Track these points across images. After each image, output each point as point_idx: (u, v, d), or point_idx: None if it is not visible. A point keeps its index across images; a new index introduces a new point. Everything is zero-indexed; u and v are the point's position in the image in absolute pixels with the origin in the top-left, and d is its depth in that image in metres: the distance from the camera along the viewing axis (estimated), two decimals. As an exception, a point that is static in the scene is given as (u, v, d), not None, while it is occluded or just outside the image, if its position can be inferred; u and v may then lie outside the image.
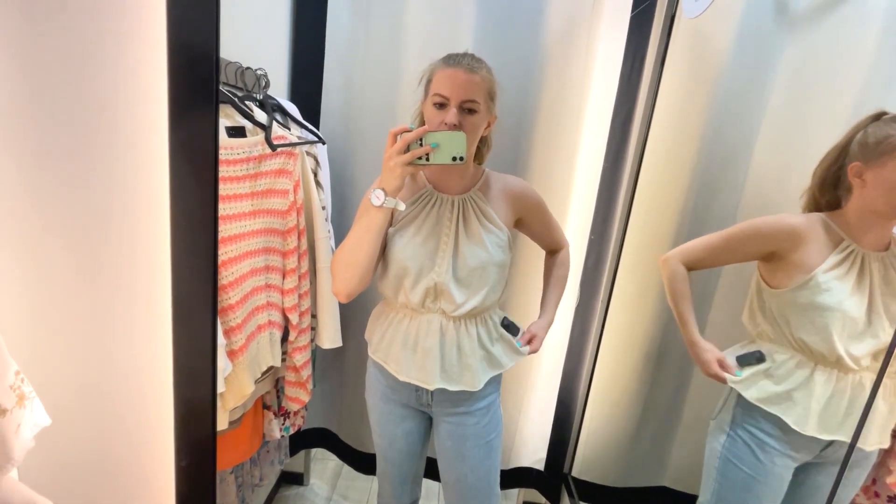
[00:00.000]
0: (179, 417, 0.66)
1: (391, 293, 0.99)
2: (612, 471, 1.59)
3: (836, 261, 0.91)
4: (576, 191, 1.46)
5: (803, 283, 0.92)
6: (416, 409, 1.08)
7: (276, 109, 1.15)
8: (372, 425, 1.13)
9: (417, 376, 0.99)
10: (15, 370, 0.50)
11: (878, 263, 0.90)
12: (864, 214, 0.90)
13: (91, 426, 0.66)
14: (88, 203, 0.59)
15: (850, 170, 0.90)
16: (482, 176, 1.03)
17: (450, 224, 0.96)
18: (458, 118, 0.87)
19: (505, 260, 1.00)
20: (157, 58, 0.54)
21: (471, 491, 1.08)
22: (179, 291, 0.61)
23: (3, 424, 0.48)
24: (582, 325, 1.49)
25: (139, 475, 0.71)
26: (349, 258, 0.92)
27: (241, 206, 0.96)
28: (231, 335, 0.93)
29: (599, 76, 1.38)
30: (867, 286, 0.89)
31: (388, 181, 0.85)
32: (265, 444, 1.36)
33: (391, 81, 1.40)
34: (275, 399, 1.27)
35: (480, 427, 1.05)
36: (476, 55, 0.93)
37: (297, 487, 1.80)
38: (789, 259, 0.94)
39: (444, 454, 1.09)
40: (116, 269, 0.62)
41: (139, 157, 0.58)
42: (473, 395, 1.03)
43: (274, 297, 1.10)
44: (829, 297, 0.89)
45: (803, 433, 0.91)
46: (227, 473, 1.17)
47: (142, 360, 0.67)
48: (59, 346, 0.61)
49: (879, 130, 0.86)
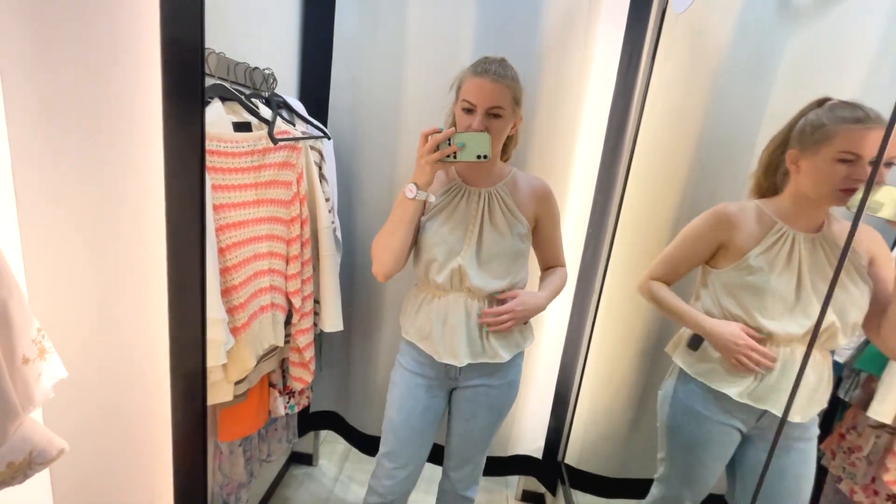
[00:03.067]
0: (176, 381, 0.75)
1: (422, 275, 1.09)
2: (611, 461, 1.61)
3: (768, 244, 0.94)
4: (573, 185, 1.49)
5: (736, 265, 0.96)
6: (442, 385, 1.16)
7: (282, 106, 1.23)
8: (390, 401, 1.18)
9: (447, 354, 1.08)
10: (37, 327, 0.59)
11: (808, 244, 0.92)
12: (797, 200, 0.93)
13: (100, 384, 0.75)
14: (95, 193, 0.68)
15: (788, 156, 0.93)
16: (509, 173, 1.12)
17: (476, 214, 1.06)
18: (484, 123, 0.97)
19: (524, 249, 1.10)
20: (153, 57, 0.62)
21: (472, 444, 1.20)
22: (174, 270, 0.69)
23: (26, 371, 0.56)
24: (579, 317, 1.52)
25: (142, 428, 0.81)
26: (385, 243, 1.05)
27: (245, 195, 1.04)
28: (234, 313, 1.01)
29: (597, 71, 1.40)
30: (796, 266, 0.91)
31: (419, 176, 0.97)
32: (273, 422, 1.45)
33: (396, 79, 1.45)
34: (280, 379, 1.35)
35: (499, 399, 1.16)
36: (504, 60, 1.01)
37: (306, 467, 1.89)
38: (728, 244, 0.98)
39: (457, 412, 1.18)
40: (120, 249, 0.71)
41: (138, 150, 0.67)
42: (500, 370, 1.13)
43: (277, 281, 1.18)
44: (759, 278, 0.92)
45: (735, 399, 0.96)
46: (235, 446, 1.26)
47: (143, 329, 0.75)
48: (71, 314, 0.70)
49: (816, 119, 0.87)
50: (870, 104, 0.90)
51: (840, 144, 0.82)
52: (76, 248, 0.67)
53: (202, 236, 0.69)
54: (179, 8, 0.61)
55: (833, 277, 0.74)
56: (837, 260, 0.89)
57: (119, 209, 0.71)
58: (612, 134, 1.40)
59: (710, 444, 1.03)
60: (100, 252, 0.70)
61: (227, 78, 1.05)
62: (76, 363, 0.69)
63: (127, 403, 0.79)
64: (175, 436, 0.78)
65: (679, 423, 1.07)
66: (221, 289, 0.97)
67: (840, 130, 0.82)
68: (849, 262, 0.86)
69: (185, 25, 0.62)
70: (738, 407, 0.97)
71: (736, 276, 0.97)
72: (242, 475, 1.29)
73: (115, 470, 0.82)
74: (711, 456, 1.04)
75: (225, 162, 0.98)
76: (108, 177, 0.68)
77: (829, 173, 0.84)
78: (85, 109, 0.64)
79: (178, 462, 0.79)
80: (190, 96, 0.64)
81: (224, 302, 0.98)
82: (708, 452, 1.04)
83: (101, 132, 0.66)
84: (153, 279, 0.73)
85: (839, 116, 0.84)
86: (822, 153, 0.85)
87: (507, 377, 1.15)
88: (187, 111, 0.65)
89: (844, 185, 0.82)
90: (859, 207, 0.70)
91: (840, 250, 0.88)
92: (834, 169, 0.83)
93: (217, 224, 0.97)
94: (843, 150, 0.81)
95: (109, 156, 0.67)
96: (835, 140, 0.83)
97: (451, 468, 1.25)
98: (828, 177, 0.84)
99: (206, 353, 0.78)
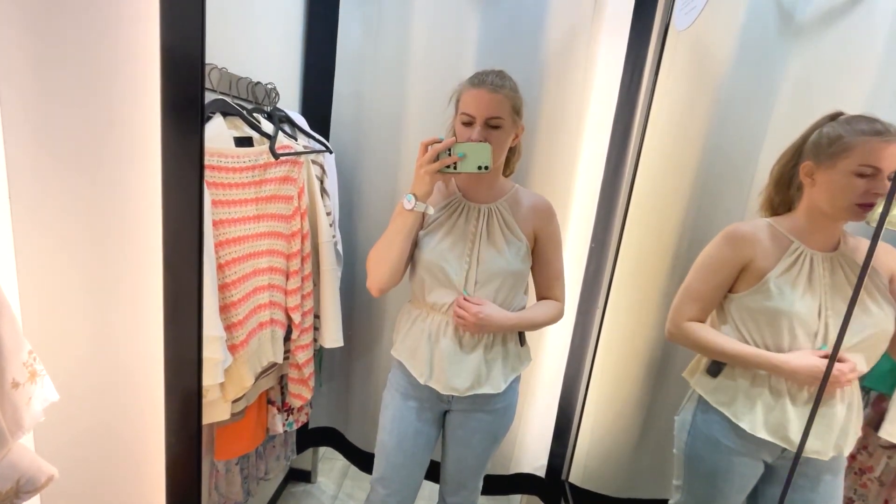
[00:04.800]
0: (170, 401, 0.73)
1: (418, 291, 1.07)
2: (616, 481, 1.58)
3: (787, 264, 0.91)
4: (576, 200, 1.48)
5: (756, 288, 0.93)
6: (434, 408, 1.12)
7: (284, 121, 1.22)
8: (382, 423, 1.15)
9: (434, 378, 1.04)
10: (28, 350, 0.57)
11: (827, 264, 0.89)
12: (812, 215, 0.90)
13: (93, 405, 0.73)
14: (92, 208, 0.67)
15: (802, 169, 0.90)
16: (511, 189, 1.09)
17: (475, 231, 1.03)
18: (483, 134, 0.95)
19: (522, 269, 1.05)
20: (153, 70, 0.61)
21: (467, 469, 1.17)
22: (170, 288, 0.67)
23: (15, 396, 0.54)
24: (582, 334, 1.50)
25: (135, 449, 0.79)
26: (381, 256, 1.02)
27: (246, 210, 1.03)
28: (232, 330, 0.99)
29: (600, 86, 1.40)
30: (818, 288, 0.88)
31: (418, 187, 0.95)
32: (271, 440, 1.42)
33: (398, 93, 1.45)
34: (279, 395, 1.33)
35: (494, 424, 1.12)
36: (502, 72, 1.00)
37: (304, 484, 1.86)
38: (749, 266, 0.94)
39: (451, 437, 1.15)
40: (115, 267, 0.70)
41: (136, 166, 0.66)
42: (495, 396, 1.08)
43: (277, 296, 1.16)
44: (781, 301, 0.89)
45: (755, 435, 0.92)
46: (232, 464, 1.23)
47: (138, 347, 0.74)
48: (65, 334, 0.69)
49: (833, 131, 0.85)
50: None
51: (859, 157, 0.79)
52: (71, 266, 0.66)
53: (199, 254, 0.68)
54: (179, 19, 0.60)
55: (852, 298, 0.71)
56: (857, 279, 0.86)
57: (115, 228, 0.70)
58: (615, 149, 1.39)
59: (731, 476, 0.98)
60: (95, 271, 0.69)
61: (229, 93, 1.05)
62: (70, 384, 0.68)
63: (121, 424, 0.78)
64: (169, 457, 0.76)
65: (699, 454, 1.02)
66: (220, 305, 0.96)
67: (859, 143, 0.80)
68: (869, 283, 0.83)
69: (185, 38, 0.61)
70: (760, 440, 0.93)
71: (755, 300, 0.92)
72: (239, 494, 1.26)
73: (108, 491, 0.80)
74: (733, 488, 0.99)
75: (226, 177, 0.97)
76: (104, 196, 0.67)
77: (846, 187, 0.81)
78: (81, 127, 0.64)
79: (172, 484, 0.77)
80: (189, 110, 0.63)
81: (223, 319, 0.97)
82: (729, 484, 0.98)
83: (98, 151, 0.66)
84: (149, 297, 0.71)
85: (858, 129, 0.81)
86: (840, 166, 0.82)
87: (503, 401, 1.11)
88: (186, 126, 0.64)
89: (862, 200, 0.80)
90: (879, 222, 0.67)
91: (858, 266, 0.87)
92: (852, 182, 0.80)
93: (217, 240, 0.95)
94: (863, 163, 0.79)
95: (105, 175, 0.67)
96: (853, 153, 0.80)
97: (448, 493, 1.21)
98: (845, 190, 0.82)
99: (203, 373, 0.76)
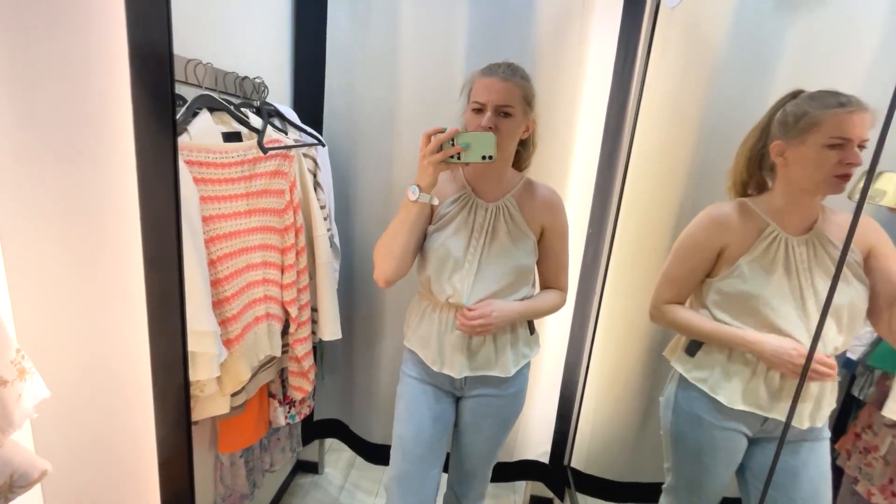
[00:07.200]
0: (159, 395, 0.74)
1: (426, 284, 1.08)
2: (618, 465, 1.58)
3: (761, 249, 0.91)
4: (572, 185, 1.46)
5: (729, 272, 0.93)
6: (448, 393, 1.14)
7: (274, 115, 1.22)
8: (398, 414, 1.14)
9: (446, 364, 1.06)
10: (16, 348, 0.58)
11: (803, 247, 0.89)
12: (791, 193, 0.91)
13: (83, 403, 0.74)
14: (74, 209, 0.67)
15: (773, 149, 0.91)
16: (520, 181, 1.09)
17: (481, 228, 1.04)
18: (494, 121, 0.95)
19: (528, 264, 1.06)
20: (124, 66, 0.62)
21: (477, 455, 1.17)
22: (153, 282, 0.68)
23: (4, 393, 0.55)
24: (581, 320, 1.50)
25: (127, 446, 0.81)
26: (387, 247, 1.03)
27: (237, 205, 1.03)
28: (227, 325, 1.00)
29: (593, 70, 1.37)
30: (794, 271, 0.89)
31: (422, 178, 0.94)
32: (275, 432, 1.44)
33: (390, 83, 1.44)
34: (280, 388, 1.34)
35: (505, 409, 1.13)
36: (514, 63, 1.00)
37: (311, 476, 1.88)
38: (726, 249, 0.95)
39: (462, 423, 1.16)
40: (101, 266, 0.71)
41: (115, 163, 0.66)
42: (506, 380, 1.10)
43: (272, 291, 1.17)
44: (753, 285, 0.90)
45: (733, 408, 0.94)
46: (236, 457, 1.25)
47: (125, 342, 0.75)
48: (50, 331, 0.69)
49: (798, 108, 0.86)
50: (873, 95, 0.88)
51: (828, 130, 0.81)
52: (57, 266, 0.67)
53: (179, 249, 0.68)
54: (144, 14, 0.60)
55: (833, 278, 0.71)
56: (834, 258, 0.86)
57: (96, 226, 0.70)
58: (610, 132, 1.38)
59: (716, 451, 1.00)
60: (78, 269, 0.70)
61: (215, 88, 1.05)
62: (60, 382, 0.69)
63: (112, 422, 0.79)
64: (161, 452, 0.77)
65: (683, 431, 1.04)
66: (213, 301, 0.96)
67: (826, 116, 0.81)
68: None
69: (152, 32, 0.61)
70: (739, 412, 0.95)
71: (729, 283, 0.93)
72: (244, 486, 1.28)
73: (102, 486, 0.82)
74: (718, 463, 1.01)
75: (214, 173, 0.97)
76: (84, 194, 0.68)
77: (820, 160, 0.83)
78: (60, 126, 0.64)
79: (165, 479, 0.79)
80: (161, 104, 0.63)
81: (217, 314, 0.97)
82: (714, 460, 1.00)
83: (77, 148, 0.66)
84: (134, 293, 0.72)
85: (822, 103, 0.83)
86: (810, 141, 0.83)
87: (514, 387, 1.12)
88: (158, 121, 0.63)
89: (838, 171, 0.81)
90: (860, 196, 0.67)
91: (834, 247, 0.87)
92: (824, 156, 0.82)
93: (207, 235, 0.96)
94: (832, 135, 0.80)
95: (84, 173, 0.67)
96: (822, 126, 0.82)
97: (457, 482, 1.22)
98: (819, 164, 0.83)
99: (189, 368, 0.77)
